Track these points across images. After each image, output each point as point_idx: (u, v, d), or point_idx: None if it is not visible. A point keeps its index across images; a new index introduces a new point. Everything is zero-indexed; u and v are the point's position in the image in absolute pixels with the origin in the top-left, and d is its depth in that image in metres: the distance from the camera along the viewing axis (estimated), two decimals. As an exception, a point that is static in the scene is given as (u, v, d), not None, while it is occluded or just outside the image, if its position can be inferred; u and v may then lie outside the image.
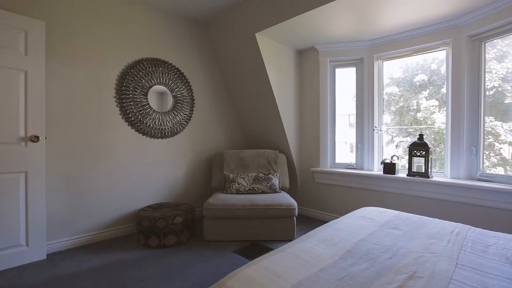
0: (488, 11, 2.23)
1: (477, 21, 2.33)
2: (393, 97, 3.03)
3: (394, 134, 3.04)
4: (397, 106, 3.02)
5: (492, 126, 2.43)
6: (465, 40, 2.44)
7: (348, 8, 2.34)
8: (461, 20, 2.42)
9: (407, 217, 1.84)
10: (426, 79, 2.79)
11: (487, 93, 2.41)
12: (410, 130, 2.88)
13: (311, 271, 1.11)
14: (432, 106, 2.79)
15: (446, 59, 2.63)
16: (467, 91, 2.47)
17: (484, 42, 2.41)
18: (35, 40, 2.10)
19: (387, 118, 3.09)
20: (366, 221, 1.74)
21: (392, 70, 3.06)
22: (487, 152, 2.45)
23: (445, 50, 2.65)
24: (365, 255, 1.28)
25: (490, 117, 2.42)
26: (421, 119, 2.86)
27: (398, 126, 2.98)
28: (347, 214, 1.91)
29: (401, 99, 2.98)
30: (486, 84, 2.42)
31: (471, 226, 1.67)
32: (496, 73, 2.41)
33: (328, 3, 2.23)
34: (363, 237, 1.47)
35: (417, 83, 2.88)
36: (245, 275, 1.08)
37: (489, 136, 2.44)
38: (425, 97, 2.82)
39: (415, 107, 2.89)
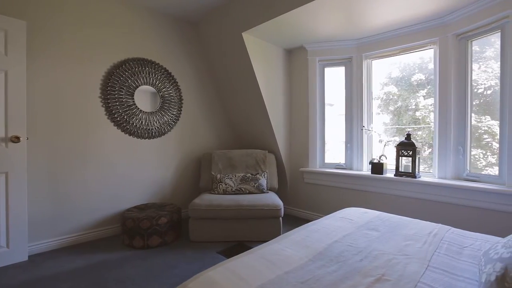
0: (473, 10, 2.21)
1: (462, 20, 2.31)
2: (391, 97, 3.01)
3: (382, 133, 3.01)
4: (396, 106, 2.99)
5: (489, 126, 2.40)
6: (452, 38, 2.41)
7: (333, 6, 2.31)
8: (447, 18, 2.39)
9: (388, 217, 1.82)
10: (424, 78, 2.77)
11: (485, 92, 2.37)
12: (409, 129, 2.85)
13: (276, 274, 1.09)
14: (431, 105, 2.76)
15: (434, 58, 2.61)
16: (454, 90, 2.44)
17: (471, 41, 2.38)
18: (16, 40, 2.09)
19: (385, 118, 3.07)
20: (345, 222, 1.72)
21: (390, 69, 3.03)
22: (484, 152, 2.41)
23: (432, 49, 2.62)
24: (336, 257, 1.26)
25: (487, 116, 2.39)
26: (420, 117, 2.84)
27: (397, 126, 2.95)
28: (328, 215, 1.89)
29: (399, 99, 2.96)
30: (473, 82, 2.39)
31: (450, 227, 1.65)
32: (492, 72, 2.38)
33: (310, 2, 2.20)
34: (338, 239, 1.45)
35: (415, 82, 2.85)
36: (208, 277, 1.06)
37: (486, 136, 2.40)
38: (423, 96, 2.80)
39: (413, 107, 2.86)
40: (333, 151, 3.38)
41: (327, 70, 3.31)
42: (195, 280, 1.05)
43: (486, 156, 2.42)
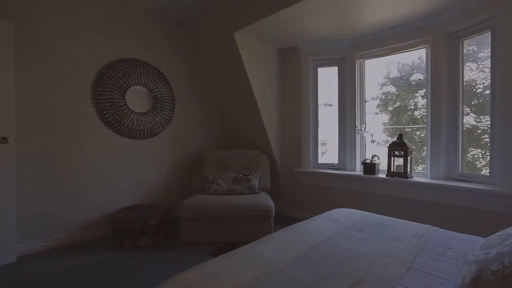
0: (464, 9, 2.19)
1: (454, 19, 2.29)
2: (390, 97, 3.00)
3: (381, 133, 3.00)
4: (394, 106, 2.99)
5: (488, 125, 2.38)
6: (444, 37, 2.40)
7: (326, 5, 2.29)
8: (439, 17, 2.38)
9: (376, 218, 1.81)
10: (423, 77, 2.75)
11: (484, 92, 2.35)
12: (407, 129, 2.84)
13: (253, 276, 1.07)
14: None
15: (426, 57, 2.59)
16: (446, 89, 2.43)
17: (463, 40, 2.36)
18: (3, 41, 2.08)
19: (384, 118, 3.05)
20: (331, 223, 1.71)
21: (389, 69, 3.02)
22: (483, 151, 2.39)
23: (425, 48, 2.61)
24: (317, 259, 1.24)
25: (486, 116, 2.37)
26: (418, 117, 2.82)
27: (396, 126, 2.94)
28: (315, 216, 1.87)
29: (398, 99, 2.95)
30: (471, 82, 2.37)
31: (438, 228, 1.64)
32: (489, 71, 2.36)
33: (302, 1, 2.19)
34: (322, 240, 1.43)
35: (414, 82, 2.84)
36: (184, 279, 1.05)
37: (485, 135, 2.38)
38: (421, 96, 2.79)
39: (412, 107, 2.85)
40: (333, 151, 3.36)
41: (323, 70, 3.29)
42: (171, 282, 1.04)
43: (485, 156, 2.40)
